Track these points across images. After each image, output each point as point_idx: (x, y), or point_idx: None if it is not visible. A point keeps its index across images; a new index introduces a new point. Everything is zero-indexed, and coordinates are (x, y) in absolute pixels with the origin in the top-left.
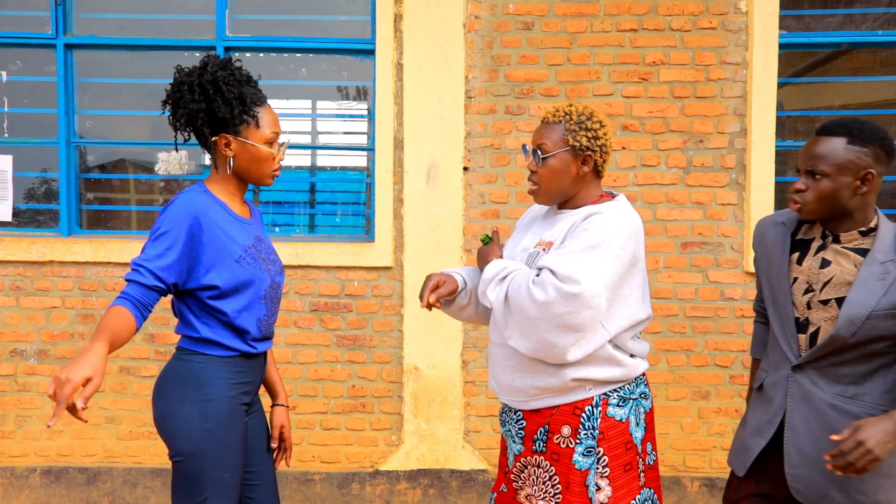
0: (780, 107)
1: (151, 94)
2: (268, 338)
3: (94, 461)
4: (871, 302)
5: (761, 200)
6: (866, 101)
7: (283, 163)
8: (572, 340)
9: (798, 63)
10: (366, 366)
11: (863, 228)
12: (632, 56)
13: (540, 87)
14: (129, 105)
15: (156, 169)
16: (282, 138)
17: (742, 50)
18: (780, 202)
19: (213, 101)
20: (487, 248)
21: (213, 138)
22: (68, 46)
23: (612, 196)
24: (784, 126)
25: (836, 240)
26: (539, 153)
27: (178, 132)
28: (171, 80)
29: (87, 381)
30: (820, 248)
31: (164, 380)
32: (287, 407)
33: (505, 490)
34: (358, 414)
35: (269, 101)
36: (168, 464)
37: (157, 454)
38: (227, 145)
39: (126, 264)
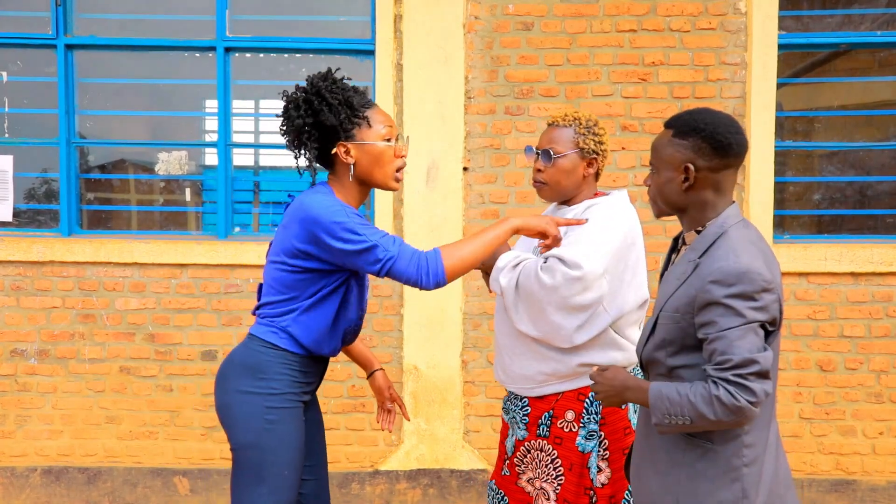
0: (779, 107)
1: (151, 94)
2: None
3: (94, 461)
4: (661, 302)
5: (761, 200)
6: (865, 101)
7: (283, 163)
8: (578, 322)
9: (797, 64)
10: None
11: (699, 228)
12: (631, 56)
13: (539, 87)
14: (129, 105)
15: (156, 169)
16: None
17: (741, 50)
18: (780, 202)
19: (320, 111)
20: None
21: (333, 151)
22: (68, 47)
23: (606, 194)
24: (783, 126)
25: (684, 241)
26: (551, 153)
27: (297, 154)
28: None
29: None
30: (675, 253)
31: (231, 365)
32: (383, 369)
33: (507, 474)
34: (358, 414)
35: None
36: (169, 464)
37: (157, 454)
38: (347, 153)
39: (126, 264)
